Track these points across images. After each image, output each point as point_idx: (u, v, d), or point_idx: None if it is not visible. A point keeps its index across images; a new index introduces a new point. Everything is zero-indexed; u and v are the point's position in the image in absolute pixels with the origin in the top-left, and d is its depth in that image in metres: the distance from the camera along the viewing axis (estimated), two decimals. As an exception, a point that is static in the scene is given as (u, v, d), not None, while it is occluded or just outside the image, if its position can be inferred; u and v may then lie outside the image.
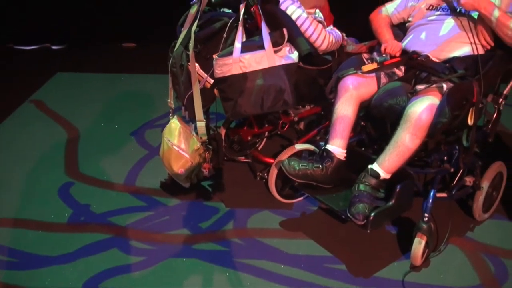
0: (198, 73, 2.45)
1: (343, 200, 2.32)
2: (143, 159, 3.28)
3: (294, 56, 2.40)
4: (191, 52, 2.39)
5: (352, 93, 2.33)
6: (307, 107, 2.85)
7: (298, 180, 2.37)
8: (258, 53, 2.30)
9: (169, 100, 2.67)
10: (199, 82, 2.45)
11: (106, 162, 3.26)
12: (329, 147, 2.35)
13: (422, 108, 2.09)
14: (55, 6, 5.28)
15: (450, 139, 2.38)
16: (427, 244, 2.28)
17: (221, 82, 2.38)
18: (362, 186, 2.21)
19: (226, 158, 2.91)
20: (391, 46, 2.46)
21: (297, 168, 2.34)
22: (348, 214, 2.18)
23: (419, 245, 2.25)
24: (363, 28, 2.81)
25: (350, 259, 2.41)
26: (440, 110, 2.08)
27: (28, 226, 2.67)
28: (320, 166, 2.33)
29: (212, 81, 2.44)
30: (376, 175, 2.20)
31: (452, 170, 2.41)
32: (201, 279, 2.32)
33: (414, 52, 2.42)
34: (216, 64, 2.34)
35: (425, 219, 2.26)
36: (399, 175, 2.23)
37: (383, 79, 2.41)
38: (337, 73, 2.41)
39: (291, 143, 2.78)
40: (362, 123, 2.52)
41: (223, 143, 2.78)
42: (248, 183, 2.97)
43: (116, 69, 4.90)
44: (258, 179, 2.93)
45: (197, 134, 2.54)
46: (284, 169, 2.36)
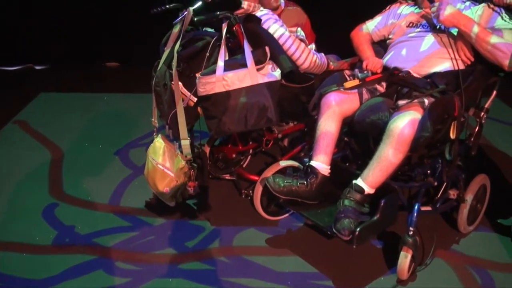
0: (182, 92, 2.45)
1: (328, 216, 2.32)
2: (128, 179, 3.27)
3: (277, 74, 2.42)
4: (174, 71, 2.40)
5: (335, 109, 2.35)
6: (291, 124, 2.87)
7: (283, 197, 2.38)
8: (241, 71, 2.32)
9: (153, 119, 2.67)
10: (183, 101, 2.45)
11: (91, 182, 3.24)
12: (313, 163, 2.36)
13: (404, 123, 2.10)
14: (38, 26, 5.28)
15: (433, 153, 2.40)
16: (413, 258, 2.29)
17: (205, 100, 2.38)
18: (347, 202, 2.21)
19: (211, 176, 2.91)
20: (372, 63, 2.50)
21: (282, 185, 2.34)
22: (334, 230, 2.18)
23: (405, 259, 2.26)
24: (344, 46, 2.85)
25: (337, 275, 2.40)
26: (422, 125, 2.10)
27: (13, 249, 2.63)
28: (305, 183, 2.34)
29: (196, 100, 2.45)
30: (361, 190, 2.21)
31: (436, 184, 2.43)
32: (188, 299, 2.30)
33: (395, 68, 2.45)
34: (199, 83, 2.35)
35: (410, 233, 2.27)
36: (383, 190, 2.24)
37: (365, 95, 2.44)
38: (320, 90, 2.43)
39: (276, 160, 2.79)
40: (346, 139, 2.54)
41: (208, 161, 2.77)
42: (234, 201, 2.97)
43: (100, 89, 4.89)
44: (243, 197, 2.93)
45: (182, 153, 2.54)
46: (269, 186, 2.36)
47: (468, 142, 2.46)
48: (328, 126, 2.35)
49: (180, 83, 2.44)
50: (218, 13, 2.37)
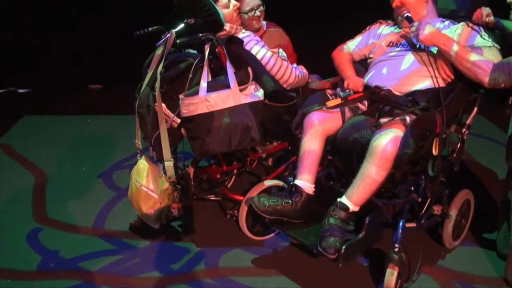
0: (165, 113, 2.45)
1: (314, 235, 2.32)
2: (112, 201, 3.24)
3: (260, 94, 2.43)
4: (158, 93, 2.40)
5: (318, 128, 2.37)
6: (275, 143, 2.88)
7: (269, 217, 2.38)
8: (224, 92, 2.33)
9: (137, 141, 2.66)
10: (166, 122, 2.45)
11: (75, 206, 3.20)
12: (298, 182, 2.37)
13: (387, 141, 2.12)
14: (21, 50, 5.26)
15: (416, 170, 2.42)
16: (400, 275, 2.28)
17: (188, 122, 2.39)
18: (332, 220, 2.22)
19: (195, 197, 2.90)
20: (354, 82, 2.53)
21: (267, 205, 2.34)
22: (320, 249, 2.18)
23: (392, 276, 2.25)
24: (326, 66, 2.88)
25: (324, 294, 2.40)
26: (405, 142, 2.12)
27: (-4, 275, 2.60)
28: (290, 202, 2.35)
29: (179, 121, 2.45)
30: (345, 208, 2.22)
31: (420, 200, 2.44)
32: (174, 323, 2.28)
33: (377, 87, 2.48)
34: (183, 104, 2.35)
35: (396, 250, 2.27)
36: (368, 207, 2.25)
37: (348, 114, 2.46)
38: (303, 109, 2.45)
39: (260, 180, 2.79)
40: (329, 157, 2.55)
41: (192, 182, 2.76)
42: (219, 222, 2.95)
43: (83, 111, 4.88)
44: (228, 217, 2.92)
45: (166, 174, 2.53)
46: (254, 206, 2.36)
47: (451, 158, 2.49)
48: (312, 145, 2.36)
49: (164, 105, 2.44)
50: (201, 35, 2.38)
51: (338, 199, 2.25)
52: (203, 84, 2.34)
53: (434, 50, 2.43)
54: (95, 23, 5.20)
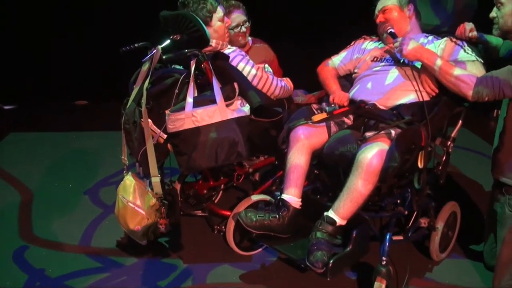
0: (151, 129, 2.45)
1: (301, 249, 2.32)
2: (98, 218, 3.22)
3: (246, 109, 2.44)
4: (144, 108, 2.40)
5: (304, 143, 2.38)
6: (261, 158, 2.89)
7: (256, 231, 2.37)
8: (210, 108, 2.33)
9: (123, 157, 2.65)
10: (153, 138, 2.44)
11: (61, 223, 3.17)
12: (285, 197, 2.37)
13: (372, 154, 2.14)
14: (6, 66, 5.24)
15: (402, 183, 2.43)
16: (387, 288, 2.29)
17: (175, 137, 2.38)
18: (319, 234, 2.22)
19: (182, 213, 2.88)
20: (339, 97, 2.55)
21: (254, 219, 2.34)
22: (307, 263, 2.18)
23: (379, 290, 2.26)
24: (311, 81, 2.90)
25: (312, 309, 2.40)
26: (390, 155, 2.13)
27: (-18, 295, 2.56)
28: (277, 216, 2.34)
29: (166, 136, 2.44)
30: (332, 222, 2.22)
31: (406, 213, 2.46)
32: None
33: (362, 101, 2.50)
34: (169, 119, 2.35)
35: (384, 263, 2.27)
36: (355, 221, 2.26)
37: (333, 128, 2.47)
38: (288, 124, 2.46)
39: (247, 195, 2.79)
40: (316, 171, 2.56)
41: (179, 198, 2.75)
42: (206, 237, 2.94)
43: (69, 127, 4.86)
44: (216, 233, 2.90)
45: (152, 190, 2.52)
46: (242, 221, 2.35)
47: (436, 171, 2.51)
48: (298, 159, 2.37)
49: (150, 120, 2.43)
50: (187, 51, 2.39)
51: (325, 213, 2.25)
52: (189, 100, 2.34)
53: (418, 65, 2.46)
54: (81, 39, 5.20)
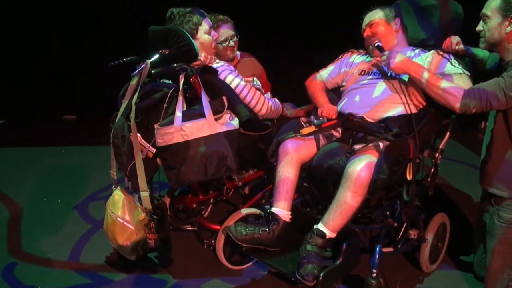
0: (140, 143, 2.45)
1: (292, 262, 2.31)
2: (87, 234, 3.19)
3: (235, 123, 2.44)
4: (133, 123, 2.39)
5: (293, 156, 2.38)
6: (251, 172, 2.89)
7: (246, 245, 2.36)
8: (199, 121, 2.33)
9: (112, 172, 2.63)
10: (142, 152, 2.44)
11: (50, 239, 3.15)
12: (274, 210, 2.37)
13: (361, 166, 2.15)
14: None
15: (391, 195, 2.44)
16: (378, 300, 2.29)
17: (164, 151, 2.38)
18: (309, 247, 2.21)
19: (172, 228, 2.87)
20: (327, 110, 2.56)
21: (244, 233, 2.33)
22: (298, 276, 2.17)
23: (370, 302, 2.26)
24: (300, 94, 2.92)
25: (303, 322, 2.38)
26: (379, 167, 2.14)
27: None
28: (267, 230, 2.34)
29: (155, 151, 2.44)
30: (322, 235, 2.22)
31: (396, 225, 2.47)
32: None
33: (350, 114, 2.51)
34: (158, 134, 2.35)
35: (374, 275, 2.28)
36: (345, 233, 2.26)
37: (322, 141, 2.48)
38: (277, 137, 2.46)
39: (237, 208, 2.78)
40: (305, 184, 2.56)
41: (168, 212, 2.74)
42: (196, 252, 2.93)
43: (58, 143, 4.85)
44: (206, 247, 2.88)
45: (141, 205, 2.50)
46: (231, 235, 2.34)
47: (425, 183, 2.52)
48: (287, 173, 2.37)
49: (139, 135, 2.43)
50: (175, 65, 2.40)
51: (315, 226, 2.25)
52: (178, 114, 2.34)
53: (405, 78, 2.48)
54: (69, 54, 5.20)
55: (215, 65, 2.62)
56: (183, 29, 2.49)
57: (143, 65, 2.43)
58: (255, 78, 2.83)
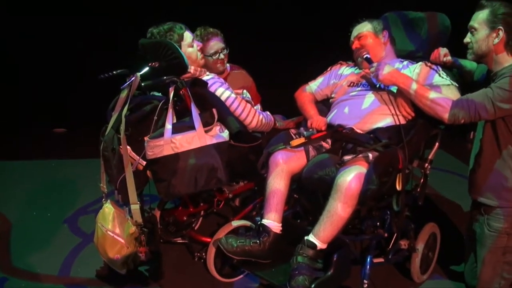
0: (130, 156, 2.44)
1: (283, 274, 2.30)
2: (77, 248, 3.17)
3: (225, 135, 2.45)
4: (123, 135, 2.39)
5: (283, 167, 2.39)
6: (241, 184, 2.88)
7: (237, 257, 2.35)
8: (189, 134, 2.33)
9: (102, 185, 2.62)
10: (132, 165, 2.43)
11: (40, 253, 3.12)
12: (265, 222, 2.37)
13: (351, 177, 2.15)
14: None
15: (381, 205, 2.45)
16: (369, 312, 2.29)
17: (154, 164, 2.38)
18: (300, 258, 2.21)
19: (162, 241, 2.85)
20: (316, 121, 2.57)
21: (235, 245, 2.32)
22: (289, 288, 2.17)
23: (361, 313, 2.26)
24: (289, 106, 2.93)
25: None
26: (368, 178, 2.15)
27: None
28: (258, 242, 2.33)
29: (145, 163, 2.43)
30: (313, 246, 2.22)
31: (386, 235, 2.47)
32: None
33: (339, 125, 2.53)
34: (148, 146, 2.35)
35: (365, 286, 2.28)
36: (335, 244, 2.25)
37: (312, 152, 2.49)
38: (267, 149, 2.47)
39: (228, 221, 2.77)
40: (295, 196, 2.56)
41: (159, 225, 2.73)
42: (187, 265, 2.91)
43: (47, 155, 4.82)
44: (196, 260, 2.87)
45: (132, 218, 2.49)
46: (222, 247, 2.34)
47: (415, 193, 2.53)
48: (277, 184, 2.38)
49: (129, 147, 2.42)
50: (165, 78, 2.40)
51: (306, 237, 2.25)
52: (168, 126, 2.34)
53: (394, 89, 2.49)
54: (59, 66, 5.20)
55: (205, 78, 2.63)
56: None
57: (133, 78, 2.43)
58: (245, 91, 2.84)
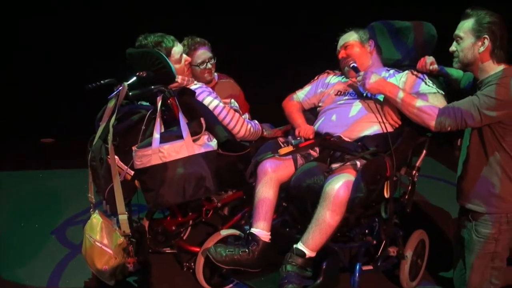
0: (118, 166, 2.43)
1: (272, 283, 2.30)
2: (66, 259, 3.14)
3: (213, 144, 2.45)
4: (110, 145, 2.38)
5: (271, 176, 2.39)
6: (230, 192, 2.88)
7: (226, 267, 2.34)
8: (177, 143, 2.33)
9: (90, 195, 2.61)
10: (120, 175, 2.42)
11: (28, 265, 3.09)
12: (254, 231, 2.36)
13: (339, 185, 2.16)
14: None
15: (370, 213, 2.46)
16: (359, 319, 2.29)
17: (142, 173, 2.37)
18: (289, 267, 2.21)
19: (151, 251, 2.84)
20: (304, 130, 2.58)
21: (224, 255, 2.31)
22: (278, 297, 2.16)
23: (351, 321, 2.26)
24: (277, 115, 2.94)
25: None
26: (356, 186, 2.16)
27: None
28: (247, 250, 2.33)
29: (133, 173, 2.42)
30: (302, 254, 2.22)
31: (375, 242, 2.48)
32: None
33: (327, 134, 2.54)
34: (136, 156, 2.34)
35: (354, 294, 2.28)
36: (324, 252, 2.26)
37: (300, 161, 2.50)
38: (256, 158, 2.47)
39: (216, 230, 2.76)
40: (284, 204, 2.56)
41: (147, 235, 2.72)
42: (176, 275, 2.89)
43: (35, 166, 4.79)
44: (185, 270, 2.85)
45: (120, 228, 2.48)
46: (211, 257, 2.33)
47: (403, 200, 2.54)
48: (266, 193, 2.38)
49: (117, 157, 2.41)
50: (153, 87, 2.40)
51: (295, 246, 2.25)
52: (156, 135, 2.34)
53: (381, 98, 2.51)
54: (46, 76, 5.18)
55: (193, 87, 2.63)
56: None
57: (121, 88, 2.43)
58: (233, 100, 2.85)
